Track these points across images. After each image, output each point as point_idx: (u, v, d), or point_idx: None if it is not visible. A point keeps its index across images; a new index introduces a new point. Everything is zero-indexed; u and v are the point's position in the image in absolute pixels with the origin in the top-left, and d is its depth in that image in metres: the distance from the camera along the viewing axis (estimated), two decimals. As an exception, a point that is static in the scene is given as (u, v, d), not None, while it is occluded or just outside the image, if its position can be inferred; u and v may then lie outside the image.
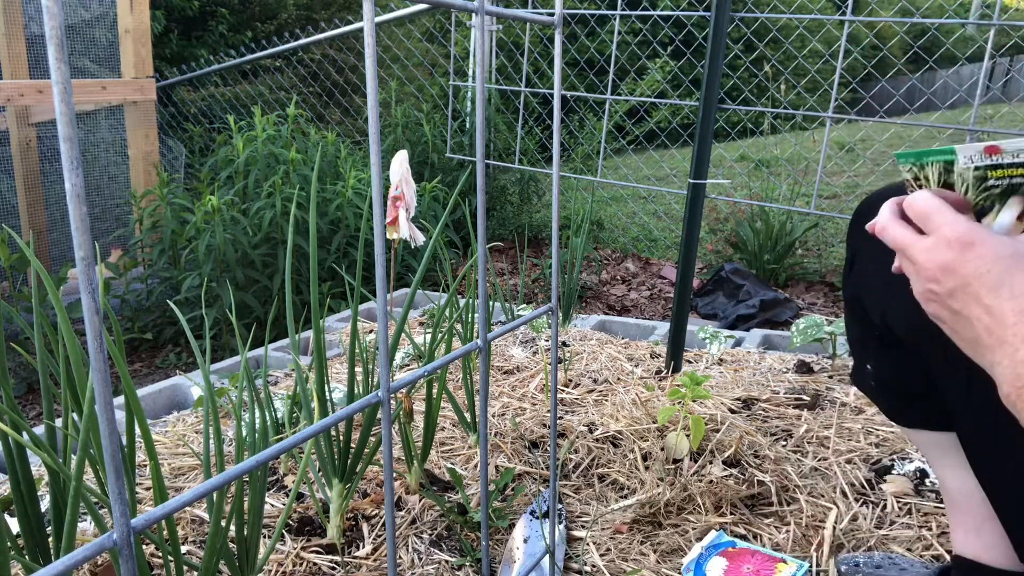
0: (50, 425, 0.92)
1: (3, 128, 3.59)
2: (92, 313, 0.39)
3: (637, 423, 1.52)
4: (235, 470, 0.50)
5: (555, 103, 0.79)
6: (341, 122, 5.19)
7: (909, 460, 1.38)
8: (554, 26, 0.76)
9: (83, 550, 0.41)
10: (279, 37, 5.15)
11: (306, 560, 1.12)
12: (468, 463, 1.41)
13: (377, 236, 0.58)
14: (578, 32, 6.56)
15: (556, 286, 0.83)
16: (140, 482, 1.32)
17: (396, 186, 1.38)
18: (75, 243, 0.38)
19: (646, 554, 1.14)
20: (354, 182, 3.04)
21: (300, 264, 2.91)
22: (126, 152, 3.71)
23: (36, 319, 0.89)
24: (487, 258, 1.41)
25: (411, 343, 1.67)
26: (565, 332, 2.17)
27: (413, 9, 4.38)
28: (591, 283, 3.36)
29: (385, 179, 2.88)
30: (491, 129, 4.30)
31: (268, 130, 3.21)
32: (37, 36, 3.63)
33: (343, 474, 1.15)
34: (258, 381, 1.65)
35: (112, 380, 2.03)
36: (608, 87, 3.25)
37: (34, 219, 3.59)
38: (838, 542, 1.16)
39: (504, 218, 4.21)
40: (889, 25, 4.22)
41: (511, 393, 1.73)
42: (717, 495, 1.26)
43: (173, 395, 1.83)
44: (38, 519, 0.92)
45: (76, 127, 0.37)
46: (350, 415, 0.61)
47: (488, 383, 1.21)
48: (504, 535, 1.19)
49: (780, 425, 1.55)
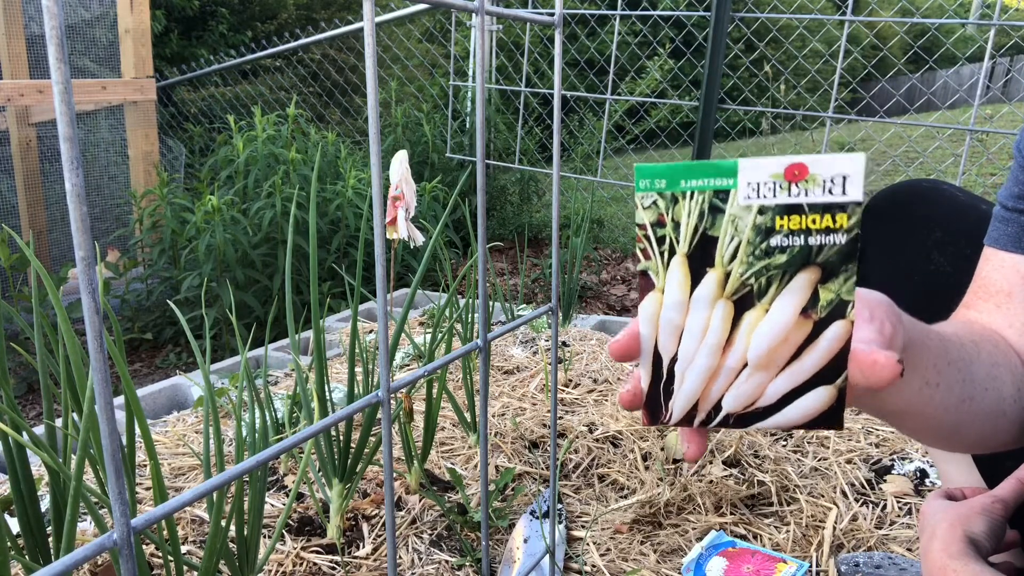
0: (50, 425, 0.92)
1: (3, 128, 3.59)
2: (92, 313, 0.39)
3: (637, 423, 1.52)
4: (235, 470, 0.50)
5: (555, 103, 0.79)
6: (341, 122, 5.18)
7: (909, 460, 1.38)
8: (554, 26, 0.76)
9: (83, 550, 0.41)
10: (279, 37, 5.14)
11: (306, 560, 1.12)
12: (468, 463, 1.41)
13: (377, 236, 0.58)
14: (578, 32, 6.55)
15: (556, 286, 0.83)
16: (140, 482, 1.32)
17: (396, 186, 1.38)
18: (75, 243, 0.38)
19: (646, 554, 1.14)
20: (354, 182, 3.04)
21: (300, 264, 2.91)
22: (126, 152, 3.70)
23: (36, 319, 0.89)
24: (487, 258, 1.41)
25: (411, 343, 1.66)
26: (565, 332, 2.17)
27: (413, 9, 4.38)
28: (591, 283, 3.36)
29: (385, 179, 2.88)
30: (491, 129, 4.30)
31: (268, 130, 3.21)
32: (37, 36, 3.63)
33: (343, 474, 1.15)
34: (258, 381, 1.65)
35: (112, 380, 2.03)
36: (608, 87, 3.25)
37: (34, 219, 3.59)
38: (838, 542, 1.16)
39: (504, 218, 4.21)
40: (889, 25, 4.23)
41: (511, 393, 1.73)
42: (717, 495, 1.26)
43: (173, 395, 1.83)
44: (38, 519, 0.92)
45: (76, 127, 0.37)
46: (350, 415, 0.61)
47: (488, 383, 1.21)
48: (504, 535, 1.19)
49: (780, 425, 1.55)
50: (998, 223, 0.71)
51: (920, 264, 0.87)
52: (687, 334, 0.45)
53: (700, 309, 0.44)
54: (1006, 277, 0.69)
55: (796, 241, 0.41)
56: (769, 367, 0.44)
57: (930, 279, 0.87)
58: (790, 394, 0.44)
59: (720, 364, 0.45)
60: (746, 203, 0.42)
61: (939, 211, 0.88)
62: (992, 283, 0.70)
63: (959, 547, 0.55)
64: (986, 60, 2.52)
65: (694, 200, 0.43)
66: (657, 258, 0.44)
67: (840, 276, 0.41)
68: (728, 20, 2.31)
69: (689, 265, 0.44)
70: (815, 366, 0.43)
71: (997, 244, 0.70)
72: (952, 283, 0.82)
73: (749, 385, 0.45)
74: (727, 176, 0.42)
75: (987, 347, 0.62)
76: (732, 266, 0.43)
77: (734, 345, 0.44)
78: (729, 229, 0.42)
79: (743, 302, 0.43)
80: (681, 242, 0.44)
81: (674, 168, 0.43)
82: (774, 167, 0.41)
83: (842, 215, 0.40)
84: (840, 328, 0.42)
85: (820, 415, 0.44)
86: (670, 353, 0.46)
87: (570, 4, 6.89)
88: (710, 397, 0.46)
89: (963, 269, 0.79)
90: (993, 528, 0.58)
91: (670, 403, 0.47)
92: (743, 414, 0.46)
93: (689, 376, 0.46)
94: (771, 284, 0.42)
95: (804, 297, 0.42)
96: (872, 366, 0.42)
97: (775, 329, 0.43)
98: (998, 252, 0.70)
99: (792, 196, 0.41)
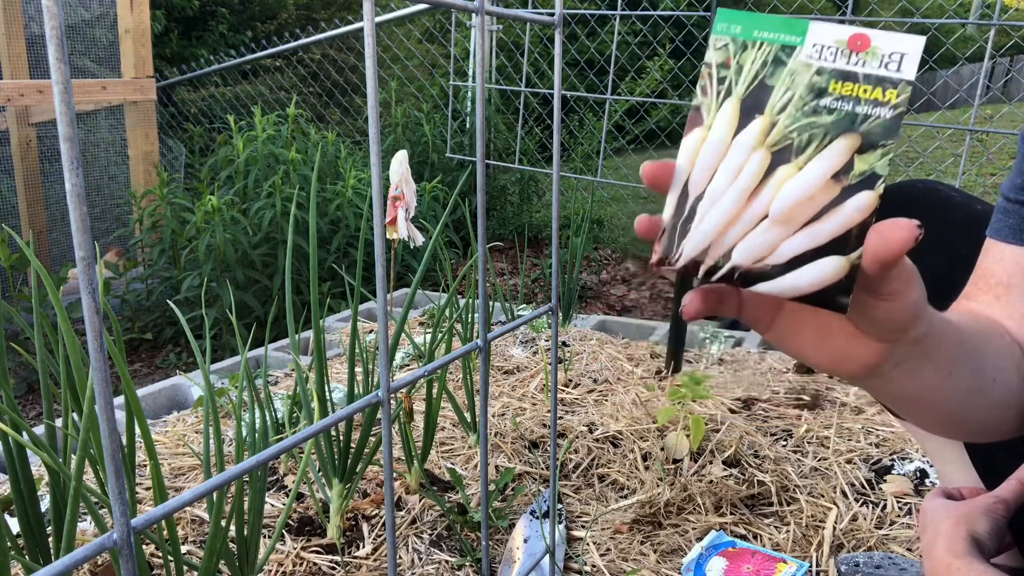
0: (50, 425, 0.92)
1: (3, 128, 3.59)
2: (92, 313, 0.39)
3: (637, 423, 1.52)
4: (235, 470, 0.50)
5: (555, 103, 0.79)
6: (341, 122, 5.18)
7: (909, 460, 1.38)
8: (554, 26, 0.76)
9: (83, 550, 0.41)
10: (279, 37, 5.14)
11: (306, 560, 1.12)
12: (468, 463, 1.41)
13: (377, 236, 0.58)
14: (578, 32, 6.55)
15: (556, 286, 0.83)
16: (140, 482, 1.32)
17: (396, 186, 1.38)
18: (75, 243, 0.38)
19: (646, 554, 1.14)
20: (354, 182, 3.04)
21: (300, 264, 2.91)
22: (126, 152, 3.71)
23: (36, 319, 0.89)
24: (487, 258, 1.41)
25: (411, 343, 1.66)
26: (565, 332, 2.17)
27: (413, 9, 4.38)
28: (591, 283, 3.36)
29: (385, 179, 2.88)
30: (491, 129, 4.30)
31: (268, 130, 3.21)
32: (37, 36, 3.63)
33: (343, 474, 1.15)
34: (258, 381, 1.65)
35: (112, 380, 2.03)
36: (608, 87, 3.25)
37: (34, 219, 3.59)
38: (838, 542, 1.16)
39: (504, 218, 4.21)
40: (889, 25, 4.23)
41: (511, 393, 1.73)
42: (717, 495, 1.26)
43: (173, 395, 1.83)
44: (38, 519, 0.92)
45: (76, 127, 0.37)
46: (350, 415, 0.61)
47: (488, 383, 1.21)
48: (504, 535, 1.19)
49: (780, 425, 1.55)
50: (1000, 214, 0.71)
51: (916, 265, 0.87)
52: (720, 172, 0.45)
53: (739, 152, 0.45)
54: (1005, 269, 0.68)
55: (844, 106, 0.43)
56: (789, 223, 0.44)
57: (926, 280, 0.86)
58: (802, 257, 0.44)
59: (742, 211, 0.45)
60: (807, 61, 0.43)
61: (935, 212, 0.88)
62: (992, 274, 0.69)
63: (963, 546, 0.55)
64: (986, 60, 2.52)
65: (761, 49, 0.44)
66: (713, 97, 0.45)
67: (878, 149, 0.42)
68: (728, 20, 2.31)
69: (741, 108, 0.45)
70: (834, 231, 0.43)
71: (998, 235, 0.70)
72: (948, 284, 0.82)
73: (765, 238, 0.45)
74: (798, 34, 0.44)
75: (994, 339, 0.62)
76: (779, 117, 0.44)
77: (760, 194, 0.44)
78: (786, 81, 0.44)
79: (780, 155, 0.44)
80: (739, 84, 0.45)
81: (752, 17, 0.45)
82: (841, 33, 0.43)
83: (892, 91, 0.42)
84: (866, 198, 0.43)
85: (827, 288, 0.44)
86: (699, 190, 0.46)
87: (570, 4, 6.89)
88: (724, 243, 0.45)
89: (959, 270, 0.79)
90: (996, 528, 0.57)
91: (683, 243, 0.46)
92: (750, 270, 0.45)
93: (710, 215, 0.45)
94: (811, 143, 0.43)
95: (840, 162, 0.43)
96: (891, 226, 0.42)
97: (804, 186, 0.44)
98: (998, 243, 0.70)
99: (851, 64, 0.43)
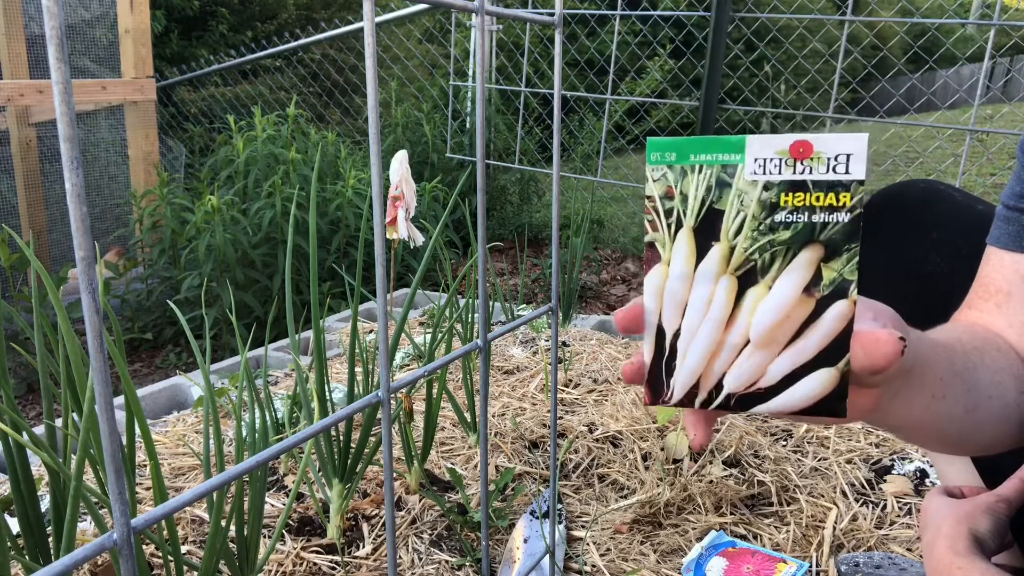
0: (50, 425, 0.92)
1: (3, 128, 3.59)
2: (92, 313, 0.39)
3: (637, 423, 1.52)
4: (235, 470, 0.50)
5: (555, 103, 0.79)
6: (341, 122, 5.18)
7: (909, 460, 1.38)
8: (554, 26, 0.76)
9: (83, 550, 0.41)
10: (279, 37, 5.14)
11: (306, 560, 1.12)
12: (468, 463, 1.41)
13: (377, 236, 0.58)
14: (578, 32, 6.55)
15: (556, 286, 0.83)
16: (140, 482, 1.32)
17: (396, 186, 1.38)
18: (75, 243, 0.38)
19: (646, 554, 1.14)
20: (354, 182, 3.04)
21: (300, 264, 2.91)
22: (126, 152, 3.70)
23: (36, 319, 0.89)
24: (487, 258, 1.41)
25: (411, 343, 1.67)
26: (565, 332, 2.17)
27: (413, 9, 4.38)
28: (591, 283, 3.36)
29: (385, 179, 2.88)
30: (491, 129, 4.29)
31: (268, 130, 3.21)
32: (37, 36, 3.63)
33: (343, 474, 1.15)
34: (258, 381, 1.65)
35: (112, 380, 2.03)
36: (608, 87, 3.25)
37: (34, 219, 3.59)
38: (838, 542, 1.16)
39: (504, 218, 4.21)
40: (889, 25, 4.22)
41: (511, 393, 1.73)
42: (717, 495, 1.26)
43: (173, 395, 1.83)
44: (38, 519, 0.92)
45: (76, 127, 0.37)
46: (350, 415, 0.61)
47: (488, 383, 1.21)
48: (504, 535, 1.19)
49: (780, 425, 1.55)
50: (1000, 222, 0.71)
51: (917, 265, 0.87)
52: (691, 308, 0.45)
53: (704, 283, 0.45)
54: (1005, 277, 0.68)
55: (800, 218, 0.42)
56: (771, 345, 0.44)
57: (927, 280, 0.87)
58: (792, 375, 0.44)
59: (723, 340, 0.45)
60: (752, 178, 0.42)
61: (936, 212, 0.88)
62: (992, 282, 0.69)
63: (965, 544, 0.55)
64: (986, 60, 2.52)
65: (702, 174, 0.43)
66: (664, 230, 0.45)
67: (843, 255, 0.42)
68: (728, 20, 2.31)
69: (695, 238, 0.44)
70: (817, 345, 0.43)
71: (998, 243, 0.70)
72: (949, 284, 0.82)
73: (751, 363, 0.45)
74: (735, 152, 0.42)
75: (990, 353, 0.62)
76: (737, 241, 0.43)
77: (737, 321, 0.45)
78: (735, 203, 0.43)
79: (747, 278, 0.44)
80: (688, 215, 0.44)
81: (684, 142, 0.44)
82: (780, 144, 0.42)
83: (845, 194, 0.41)
84: (842, 307, 0.42)
85: (823, 400, 0.44)
86: (673, 327, 0.46)
87: (570, 4, 6.89)
88: (712, 374, 0.46)
89: (960, 270, 0.79)
90: (997, 527, 0.57)
91: (672, 380, 0.47)
92: (745, 395, 0.45)
93: (692, 351, 0.46)
94: (775, 260, 0.43)
95: (807, 275, 0.43)
96: (874, 342, 0.42)
97: (777, 306, 0.43)
98: (998, 251, 0.70)
99: (797, 173, 0.42)
